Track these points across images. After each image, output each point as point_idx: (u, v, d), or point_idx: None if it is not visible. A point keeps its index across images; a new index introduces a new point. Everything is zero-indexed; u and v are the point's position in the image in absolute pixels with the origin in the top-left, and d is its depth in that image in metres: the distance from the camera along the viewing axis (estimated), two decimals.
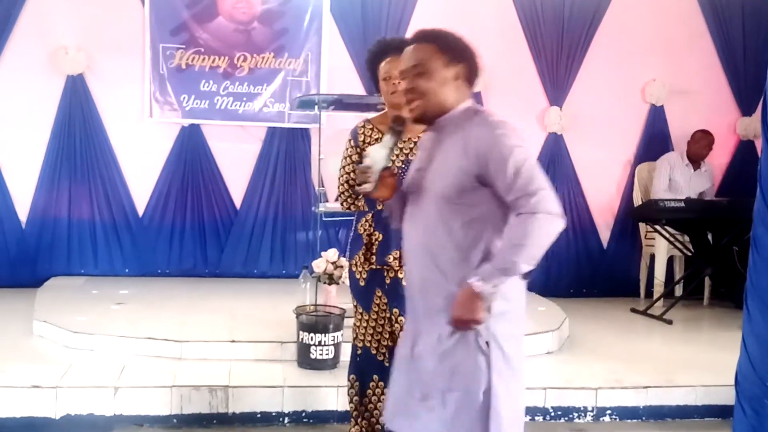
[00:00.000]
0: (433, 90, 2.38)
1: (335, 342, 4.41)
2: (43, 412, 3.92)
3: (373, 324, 3.34)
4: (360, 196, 3.44)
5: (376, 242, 3.28)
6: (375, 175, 2.42)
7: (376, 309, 3.33)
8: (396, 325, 3.23)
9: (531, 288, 6.49)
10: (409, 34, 5.83)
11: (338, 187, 3.49)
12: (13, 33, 6.30)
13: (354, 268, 3.39)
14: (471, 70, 2.47)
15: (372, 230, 3.30)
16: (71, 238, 6.44)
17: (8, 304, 5.72)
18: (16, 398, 3.93)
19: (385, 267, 3.27)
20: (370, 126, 3.38)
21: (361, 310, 3.39)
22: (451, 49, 2.42)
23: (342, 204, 3.51)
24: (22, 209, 6.41)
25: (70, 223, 6.43)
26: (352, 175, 3.39)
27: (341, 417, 4.04)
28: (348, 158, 3.41)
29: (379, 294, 3.32)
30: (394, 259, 3.22)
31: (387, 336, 3.32)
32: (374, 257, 3.28)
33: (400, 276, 3.23)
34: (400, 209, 2.53)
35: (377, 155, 2.45)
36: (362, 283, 3.36)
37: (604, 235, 7.24)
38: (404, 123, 2.52)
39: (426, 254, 2.37)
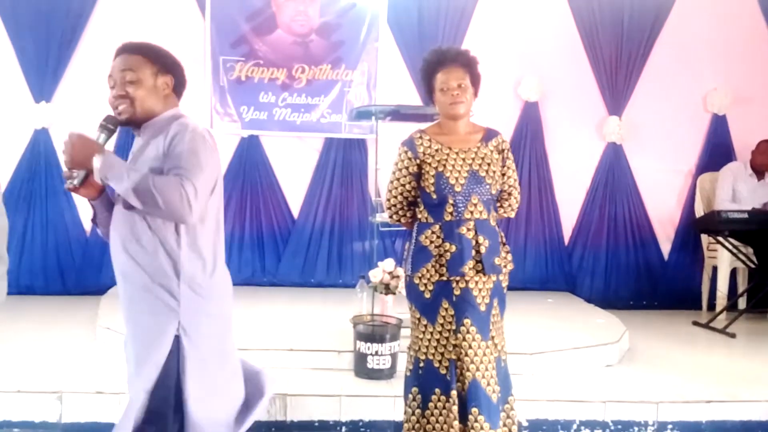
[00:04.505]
0: (141, 97, 2.54)
1: (392, 352, 4.42)
2: (106, 417, 3.98)
3: (437, 336, 3.30)
4: (410, 210, 3.44)
5: (447, 254, 3.24)
6: (82, 172, 2.48)
7: (441, 321, 3.28)
8: (467, 335, 3.19)
9: (590, 299, 6.52)
10: (465, 45, 5.88)
11: (389, 200, 3.47)
12: (79, 45, 6.52)
13: (418, 281, 3.33)
14: (178, 81, 2.67)
15: (441, 242, 3.26)
16: None
17: (73, 310, 5.88)
18: (81, 403, 4.03)
19: (454, 279, 3.24)
20: (427, 137, 3.36)
21: (425, 323, 3.33)
22: (160, 61, 2.60)
23: (392, 216, 3.50)
24: (87, 219, 6.57)
25: None
26: (407, 187, 3.39)
27: (398, 427, 4.03)
28: (404, 169, 3.37)
29: (446, 306, 3.27)
30: (469, 269, 3.21)
31: (450, 349, 3.27)
32: (445, 269, 3.24)
33: (470, 286, 3.22)
34: (105, 212, 2.65)
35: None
36: (428, 296, 3.31)
37: (665, 246, 7.12)
38: (117, 123, 2.59)
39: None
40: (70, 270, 6.58)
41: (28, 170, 6.51)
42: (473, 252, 3.23)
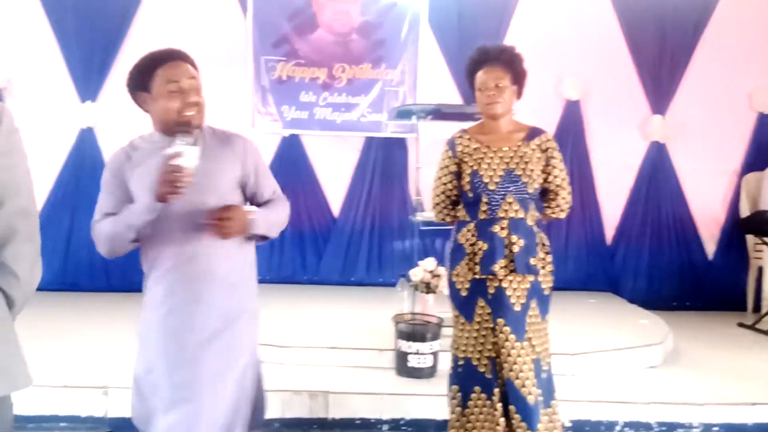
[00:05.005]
0: (204, 104, 2.58)
1: (433, 351, 4.42)
2: None
3: (475, 335, 3.30)
4: (454, 209, 3.44)
5: (480, 252, 3.23)
6: (190, 177, 2.36)
7: (479, 319, 3.28)
8: (501, 335, 3.19)
9: (633, 300, 6.45)
10: (507, 42, 5.84)
11: (434, 198, 3.49)
12: (124, 46, 6.62)
13: (455, 279, 3.35)
14: None
15: (475, 240, 3.26)
16: None
17: (119, 307, 5.94)
18: (126, 399, 4.06)
19: (488, 277, 3.23)
20: (468, 136, 3.36)
21: (462, 321, 3.34)
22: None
23: (437, 215, 3.51)
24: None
25: None
26: (449, 185, 3.40)
27: (439, 426, 4.04)
28: (445, 169, 3.40)
29: (482, 304, 3.27)
30: (500, 268, 3.19)
31: (489, 347, 3.27)
32: (478, 267, 3.24)
33: (504, 286, 3.20)
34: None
35: (192, 155, 2.37)
36: (464, 294, 3.32)
37: (709, 247, 7.02)
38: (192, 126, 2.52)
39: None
40: (114, 267, 6.66)
41: (74, 169, 6.62)
42: (506, 251, 3.22)
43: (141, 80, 2.48)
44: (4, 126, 1.90)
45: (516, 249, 3.20)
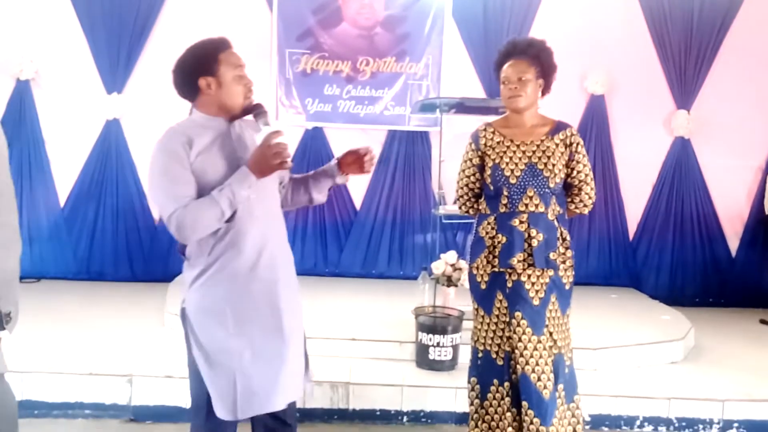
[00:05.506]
0: None
1: (453, 344, 4.44)
2: (174, 401, 4.11)
3: (494, 327, 3.31)
4: (477, 201, 3.45)
5: (499, 245, 3.24)
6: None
7: (497, 312, 3.29)
8: (518, 328, 3.19)
9: (655, 296, 6.41)
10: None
11: (457, 191, 3.50)
12: (150, 39, 6.69)
13: (475, 271, 3.36)
14: None
15: (494, 233, 3.27)
16: None
17: (142, 297, 6.04)
18: (151, 387, 4.15)
19: (507, 270, 3.24)
20: (492, 129, 3.36)
21: (482, 313, 3.36)
22: None
23: (461, 207, 3.52)
24: (156, 207, 6.74)
25: None
26: (472, 178, 3.40)
27: (459, 418, 4.07)
28: (469, 162, 3.41)
29: (500, 297, 3.28)
30: (518, 261, 3.20)
31: (505, 340, 3.28)
32: (497, 260, 3.25)
33: (522, 279, 3.21)
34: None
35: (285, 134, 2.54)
36: (483, 286, 3.33)
37: (733, 243, 6.98)
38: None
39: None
40: (138, 257, 6.76)
41: (100, 160, 6.69)
42: (525, 245, 3.22)
43: (207, 65, 2.52)
44: None
45: (535, 243, 3.20)
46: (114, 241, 6.72)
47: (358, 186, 6.90)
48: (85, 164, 6.71)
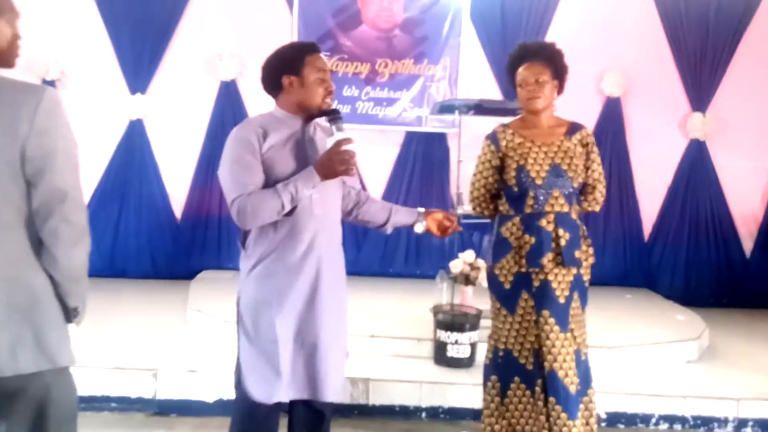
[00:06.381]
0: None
1: (471, 341, 4.51)
2: (198, 395, 4.22)
3: (517, 327, 3.36)
4: (493, 202, 3.51)
5: (527, 245, 3.28)
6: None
7: (521, 312, 3.34)
8: (546, 326, 3.24)
9: (669, 296, 6.45)
10: (548, 39, 5.91)
11: (472, 192, 3.53)
12: (173, 40, 6.80)
13: (499, 272, 3.39)
14: None
15: (521, 234, 3.31)
16: (221, 233, 6.85)
17: (165, 294, 6.15)
18: (174, 381, 4.25)
19: (533, 270, 3.29)
20: (511, 130, 3.40)
21: (505, 313, 3.39)
22: None
23: (475, 208, 3.56)
24: (178, 206, 6.87)
25: (221, 219, 6.81)
26: (490, 179, 3.44)
27: (477, 415, 4.11)
28: (487, 162, 3.43)
29: (525, 297, 3.32)
30: (548, 261, 3.25)
31: (532, 339, 3.32)
32: (524, 260, 3.29)
33: (550, 279, 3.26)
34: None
35: (354, 142, 2.65)
36: (507, 287, 3.37)
37: (747, 244, 7.02)
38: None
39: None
40: (160, 255, 6.88)
41: (123, 159, 6.81)
42: (552, 245, 3.27)
43: (294, 64, 2.67)
44: (43, 106, 1.99)
45: (563, 243, 3.26)
46: (137, 238, 6.84)
47: (376, 186, 6.98)
48: (108, 164, 6.83)
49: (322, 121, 2.76)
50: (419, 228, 3.01)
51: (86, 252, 2.12)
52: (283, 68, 2.67)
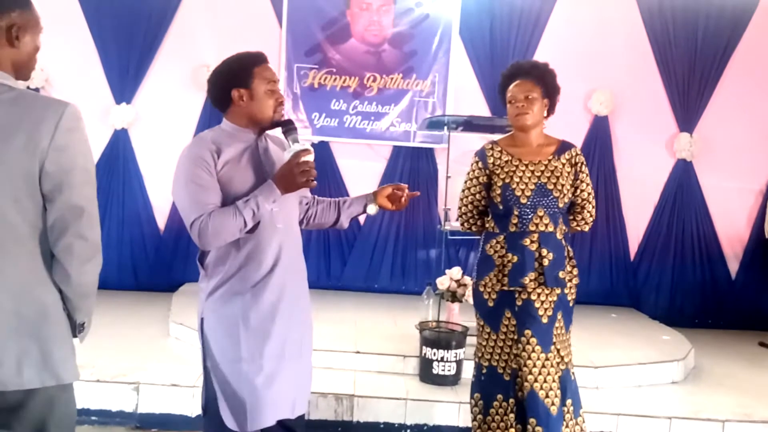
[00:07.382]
0: None
1: (457, 359, 4.48)
2: (179, 409, 4.16)
3: (501, 344, 3.35)
4: (480, 219, 3.50)
5: (509, 264, 3.28)
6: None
7: (504, 330, 3.33)
8: (527, 346, 3.23)
9: (655, 316, 6.44)
10: (537, 58, 5.91)
11: (460, 208, 3.53)
12: (160, 50, 6.75)
13: (482, 289, 3.39)
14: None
15: (504, 252, 3.31)
16: None
17: (147, 306, 6.07)
18: (156, 395, 4.19)
19: (516, 289, 3.28)
20: (499, 148, 3.40)
21: (488, 330, 3.39)
22: None
23: (463, 225, 3.56)
24: (161, 217, 6.79)
25: None
26: (477, 196, 3.44)
27: None
28: (475, 179, 3.44)
29: (508, 315, 3.32)
30: (530, 281, 3.24)
31: (512, 358, 3.32)
32: (506, 279, 3.29)
33: (532, 298, 3.25)
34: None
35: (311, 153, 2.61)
36: (491, 304, 3.37)
37: (733, 265, 7.03)
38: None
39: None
40: (143, 267, 6.80)
41: (107, 169, 6.72)
42: (535, 264, 3.26)
43: (242, 77, 2.59)
44: (63, 122, 1.98)
45: (546, 262, 3.24)
46: (119, 249, 6.75)
47: None
48: None
49: (272, 132, 2.72)
50: (372, 209, 2.92)
51: (98, 269, 2.12)
52: (231, 81, 2.60)
